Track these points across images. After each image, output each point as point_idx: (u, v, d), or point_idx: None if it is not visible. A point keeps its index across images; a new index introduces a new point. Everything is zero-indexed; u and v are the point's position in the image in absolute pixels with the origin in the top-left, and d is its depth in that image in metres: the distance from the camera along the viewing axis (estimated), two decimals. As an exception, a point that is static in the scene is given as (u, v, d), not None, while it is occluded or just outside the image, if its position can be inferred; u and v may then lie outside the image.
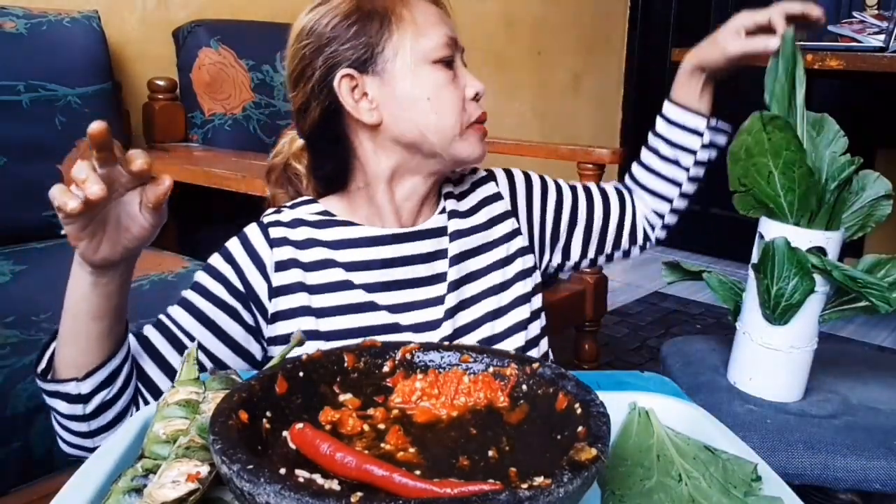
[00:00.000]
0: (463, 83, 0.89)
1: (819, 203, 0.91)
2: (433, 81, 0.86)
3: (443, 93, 0.86)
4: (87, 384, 0.73)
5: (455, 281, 0.90)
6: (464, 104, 0.88)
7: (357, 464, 0.43)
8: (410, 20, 0.86)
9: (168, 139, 1.87)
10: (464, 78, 0.89)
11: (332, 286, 0.86)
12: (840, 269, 0.88)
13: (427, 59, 0.85)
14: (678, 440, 0.57)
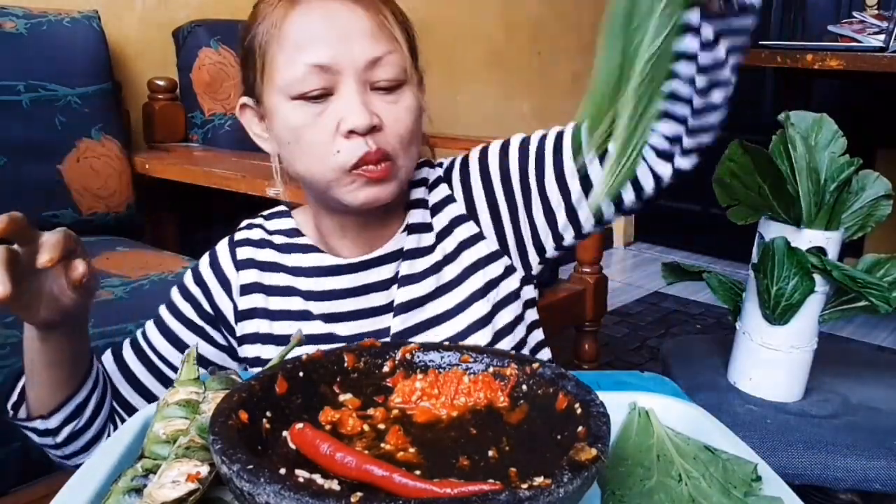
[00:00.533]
0: (334, 120, 0.73)
1: (819, 203, 0.91)
2: (292, 121, 0.74)
3: (302, 134, 0.74)
4: (53, 420, 0.75)
5: (401, 305, 0.81)
6: (333, 146, 0.73)
7: (357, 464, 0.43)
8: (277, 45, 0.74)
9: (168, 139, 1.87)
10: (337, 111, 0.73)
11: (293, 315, 0.83)
12: (840, 269, 0.88)
13: (286, 95, 0.74)
14: (678, 440, 0.57)
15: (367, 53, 0.73)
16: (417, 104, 0.78)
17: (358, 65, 0.73)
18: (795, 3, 3.03)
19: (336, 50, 0.72)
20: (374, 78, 0.74)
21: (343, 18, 0.74)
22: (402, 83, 0.76)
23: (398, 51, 0.75)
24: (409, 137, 0.76)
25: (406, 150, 0.77)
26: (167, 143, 1.86)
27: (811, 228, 0.91)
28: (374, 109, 0.74)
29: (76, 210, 1.58)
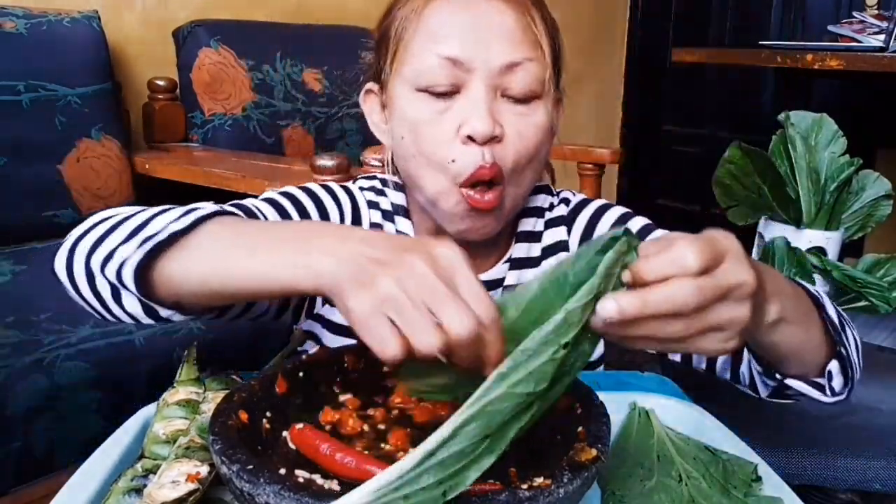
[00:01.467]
0: (456, 121, 0.68)
1: (819, 203, 0.91)
2: (412, 114, 0.70)
3: (420, 131, 0.69)
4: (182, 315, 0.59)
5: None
6: (451, 152, 0.68)
7: (357, 464, 0.43)
8: (414, 31, 0.70)
9: (168, 139, 1.87)
10: (462, 112, 0.68)
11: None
12: (840, 269, 0.88)
13: (412, 85, 0.70)
14: (678, 440, 0.57)
15: (504, 56, 0.68)
16: (548, 124, 0.72)
17: (492, 66, 0.68)
18: (795, 3, 3.03)
19: (472, 46, 0.68)
20: (507, 84, 0.69)
21: (486, 14, 0.69)
22: (536, 96, 0.70)
23: (539, 60, 0.70)
24: (528, 158, 0.70)
25: (521, 172, 0.71)
26: (167, 143, 1.86)
27: (811, 228, 0.91)
28: (499, 118, 0.68)
29: (76, 210, 1.58)
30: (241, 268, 0.51)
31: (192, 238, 0.54)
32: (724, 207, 0.96)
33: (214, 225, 0.55)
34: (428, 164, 0.70)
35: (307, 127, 1.98)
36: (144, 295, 0.55)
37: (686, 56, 2.00)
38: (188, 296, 0.56)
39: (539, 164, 0.74)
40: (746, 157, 0.89)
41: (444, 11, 0.69)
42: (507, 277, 0.79)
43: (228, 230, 0.55)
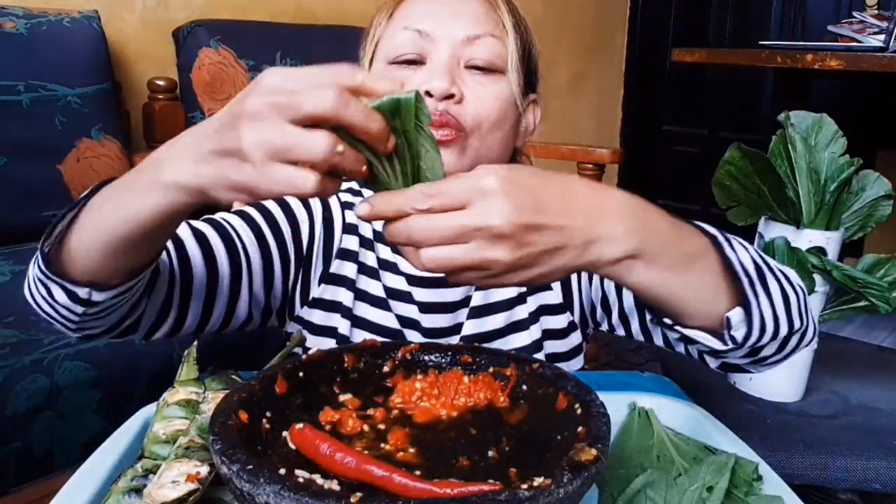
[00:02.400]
0: (419, 83, 0.72)
1: (819, 203, 0.91)
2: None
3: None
4: (103, 294, 0.59)
5: (469, 338, 0.79)
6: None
7: (357, 464, 0.43)
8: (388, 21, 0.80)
9: (168, 139, 1.86)
10: (421, 78, 0.73)
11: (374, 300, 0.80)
12: (840, 269, 0.88)
13: (385, 60, 0.78)
14: (678, 440, 0.57)
15: (466, 30, 0.75)
16: (509, 97, 0.77)
17: (455, 36, 0.75)
18: (795, 3, 3.03)
19: (438, 21, 0.75)
20: (469, 55, 0.75)
21: (454, 2, 0.77)
22: (499, 70, 0.76)
23: (500, 38, 0.76)
24: (489, 122, 0.75)
25: (482, 132, 0.75)
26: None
27: (811, 228, 0.91)
28: (459, 82, 0.74)
29: (76, 210, 1.58)
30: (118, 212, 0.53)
31: (81, 214, 0.56)
32: (724, 208, 0.96)
33: (97, 196, 0.56)
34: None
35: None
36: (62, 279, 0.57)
37: (686, 56, 1.99)
38: (93, 261, 0.57)
39: (504, 134, 0.78)
40: (746, 158, 0.89)
41: (416, 4, 0.78)
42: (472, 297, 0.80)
43: (105, 193, 0.56)
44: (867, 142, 2.65)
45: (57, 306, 0.61)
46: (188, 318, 0.71)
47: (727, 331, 0.55)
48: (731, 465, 0.50)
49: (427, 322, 0.79)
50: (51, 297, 0.61)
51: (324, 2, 2.29)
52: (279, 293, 0.79)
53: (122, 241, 0.55)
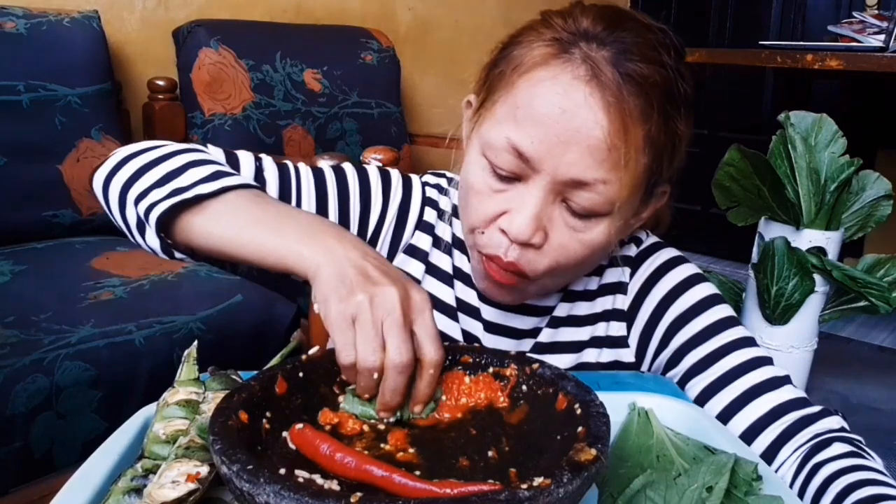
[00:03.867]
0: (502, 207, 0.65)
1: (819, 203, 0.91)
2: (471, 178, 0.67)
3: (471, 197, 0.67)
4: (196, 259, 0.67)
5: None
6: (484, 227, 0.66)
7: (357, 464, 0.43)
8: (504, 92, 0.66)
9: (168, 139, 1.86)
10: (511, 202, 0.65)
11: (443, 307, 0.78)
12: (840, 269, 0.88)
13: (481, 150, 0.67)
14: (678, 440, 0.57)
15: (574, 171, 0.62)
16: (605, 242, 0.67)
17: (559, 176, 0.63)
18: (795, 3, 3.03)
19: (546, 146, 0.62)
20: (570, 196, 0.64)
21: (577, 116, 0.61)
22: (600, 215, 0.65)
23: (616, 182, 0.63)
24: (566, 268, 0.68)
25: (554, 276, 0.68)
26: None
27: (811, 229, 0.91)
28: (547, 224, 0.65)
29: (76, 210, 1.58)
30: (249, 240, 0.60)
31: (213, 204, 0.62)
32: (724, 208, 0.96)
33: (236, 197, 0.63)
34: (466, 220, 0.70)
35: (307, 127, 1.98)
36: (166, 237, 0.64)
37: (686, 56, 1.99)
38: (203, 250, 0.64)
39: (587, 268, 0.72)
40: (746, 159, 0.89)
41: (539, 88, 0.63)
42: (557, 307, 0.77)
43: (247, 205, 0.62)
44: (867, 142, 2.65)
45: (137, 237, 0.67)
46: None
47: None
48: (730, 465, 0.50)
49: (489, 342, 0.77)
50: (140, 231, 0.66)
51: (324, 2, 2.29)
52: None
53: (246, 258, 0.61)
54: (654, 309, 0.75)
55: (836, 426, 0.66)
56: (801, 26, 3.02)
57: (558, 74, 0.63)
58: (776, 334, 0.94)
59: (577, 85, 0.62)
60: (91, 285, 1.23)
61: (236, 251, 0.61)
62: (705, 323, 0.72)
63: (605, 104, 0.61)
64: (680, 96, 0.67)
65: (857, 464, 0.59)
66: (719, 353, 0.71)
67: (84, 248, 1.48)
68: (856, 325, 2.66)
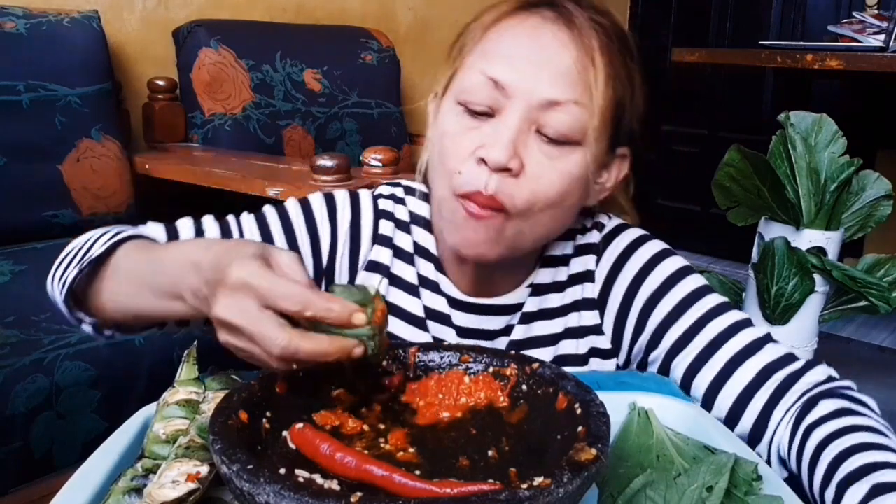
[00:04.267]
0: (477, 142, 0.66)
1: (819, 203, 0.91)
2: (446, 125, 0.69)
3: (446, 144, 0.68)
4: (126, 335, 0.70)
5: None
6: (461, 165, 0.66)
7: (357, 464, 0.43)
8: (472, 46, 0.69)
9: (168, 139, 1.87)
10: (486, 136, 0.65)
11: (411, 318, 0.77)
12: (840, 269, 0.88)
13: (455, 98, 0.69)
14: (678, 440, 0.57)
15: (548, 91, 0.65)
16: (580, 174, 0.67)
17: (533, 98, 0.65)
18: (795, 3, 3.03)
19: (520, 73, 0.65)
20: (544, 121, 0.65)
21: (547, 46, 0.66)
22: (574, 142, 0.66)
23: (587, 106, 0.66)
24: (545, 202, 0.66)
25: (533, 213, 0.67)
26: (167, 143, 1.86)
27: (811, 229, 0.91)
28: (522, 152, 0.65)
29: (76, 210, 1.58)
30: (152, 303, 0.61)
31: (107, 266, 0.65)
32: (724, 209, 0.96)
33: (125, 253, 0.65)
34: (441, 172, 0.69)
35: (307, 127, 1.98)
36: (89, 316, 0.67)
37: (686, 56, 1.99)
38: (124, 319, 0.66)
39: (562, 212, 0.70)
40: (746, 159, 0.89)
41: (506, 34, 0.68)
42: (526, 303, 0.77)
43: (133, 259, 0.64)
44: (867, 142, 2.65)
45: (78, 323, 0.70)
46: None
47: None
48: (730, 465, 0.50)
49: None
50: (75, 318, 0.69)
51: (324, 2, 2.29)
52: None
53: (156, 320, 0.65)
54: (625, 292, 0.75)
55: (823, 377, 0.67)
56: (801, 26, 3.02)
57: (526, 19, 0.68)
58: (776, 334, 0.93)
59: (544, 24, 0.67)
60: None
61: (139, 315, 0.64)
62: (679, 297, 0.73)
63: (571, 36, 0.66)
64: (632, 48, 0.71)
65: (844, 425, 0.59)
66: (697, 325, 0.71)
67: (84, 248, 1.48)
68: (856, 325, 2.66)
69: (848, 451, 0.56)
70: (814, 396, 0.64)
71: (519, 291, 0.77)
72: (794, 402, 0.65)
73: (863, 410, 0.62)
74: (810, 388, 0.65)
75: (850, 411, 0.61)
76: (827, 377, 0.67)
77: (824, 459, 0.57)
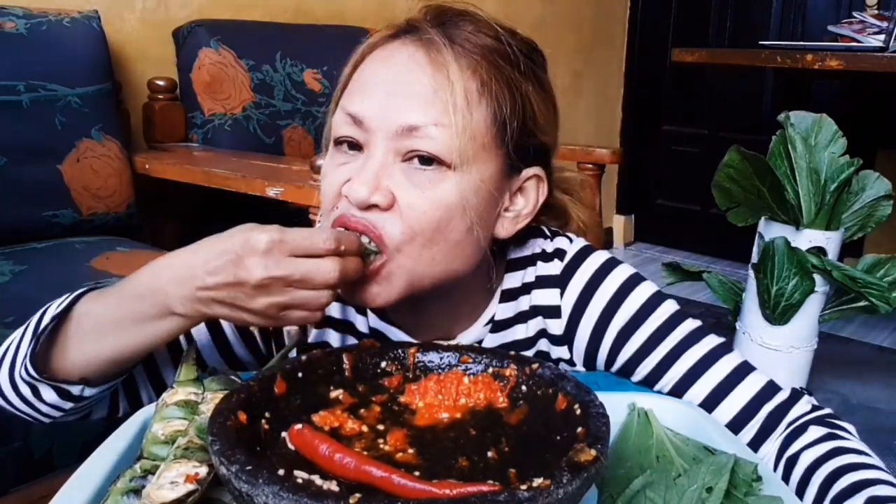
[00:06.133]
0: (345, 176, 0.63)
1: (819, 203, 0.91)
2: (324, 164, 0.67)
3: (323, 181, 0.66)
4: (95, 390, 0.64)
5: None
6: (334, 202, 0.64)
7: (356, 465, 0.43)
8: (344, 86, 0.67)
9: (168, 139, 1.87)
10: (353, 171, 0.63)
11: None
12: (840, 269, 0.88)
13: (331, 140, 0.67)
14: (677, 441, 0.57)
15: (402, 118, 0.61)
16: (454, 201, 0.62)
17: (390, 128, 0.62)
18: (795, 3, 3.03)
19: (377, 105, 0.62)
20: (408, 148, 0.62)
21: (402, 72, 0.63)
22: (444, 165, 0.61)
23: (450, 127, 0.61)
24: (422, 235, 0.62)
25: (415, 251, 0.62)
26: (167, 143, 1.86)
27: (811, 229, 0.91)
28: (390, 184, 0.62)
29: (76, 210, 1.58)
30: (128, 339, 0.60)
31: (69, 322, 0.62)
32: (724, 209, 0.96)
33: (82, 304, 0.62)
34: (323, 213, 0.67)
35: (307, 127, 1.98)
36: (50, 379, 0.62)
37: (686, 56, 1.99)
38: (94, 369, 0.63)
39: (452, 246, 0.64)
40: (745, 160, 0.89)
41: (367, 69, 0.65)
42: (485, 339, 0.73)
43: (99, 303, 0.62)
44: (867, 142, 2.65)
45: (40, 405, 0.65)
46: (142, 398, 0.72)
47: None
48: (730, 466, 0.50)
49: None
50: (37, 396, 0.64)
51: (324, 2, 2.29)
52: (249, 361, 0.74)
53: (129, 357, 0.62)
54: (595, 324, 0.71)
55: (808, 407, 0.66)
56: (801, 26, 3.02)
57: (387, 48, 0.65)
58: (776, 334, 0.94)
59: (402, 48, 0.64)
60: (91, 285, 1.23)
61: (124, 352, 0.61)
62: (654, 326, 0.70)
63: (428, 58, 0.63)
64: (519, 62, 0.66)
65: (835, 447, 0.59)
66: (674, 354, 0.69)
67: (84, 248, 1.48)
68: (856, 325, 2.66)
69: (840, 469, 0.57)
70: (802, 424, 0.64)
71: (476, 328, 0.73)
72: (780, 433, 0.65)
73: (847, 436, 0.62)
74: (797, 418, 0.65)
75: (838, 436, 0.62)
76: (811, 407, 0.66)
77: (816, 479, 0.57)
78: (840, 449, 0.59)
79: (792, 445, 0.62)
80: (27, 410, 0.66)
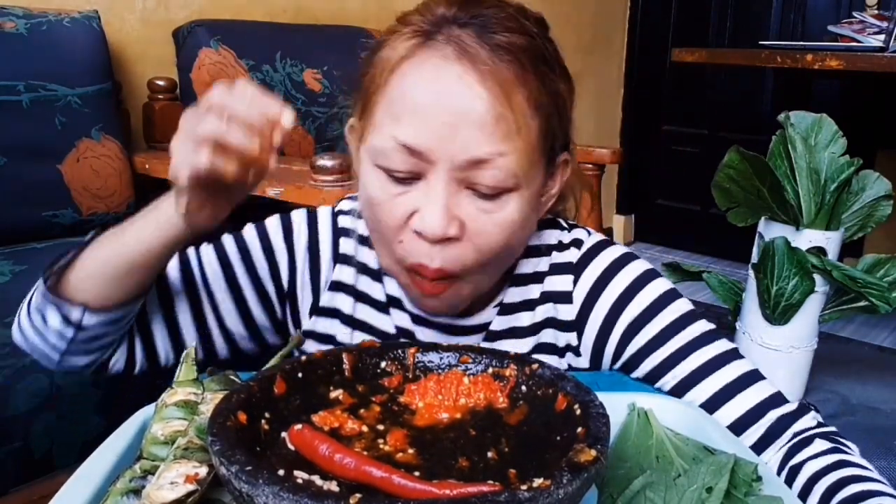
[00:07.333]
0: (409, 209, 0.62)
1: (819, 203, 0.91)
2: (370, 191, 0.64)
3: (375, 211, 0.64)
4: (94, 317, 0.66)
5: None
6: (399, 235, 0.63)
7: (356, 465, 0.43)
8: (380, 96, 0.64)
9: (168, 139, 1.84)
10: (417, 202, 0.62)
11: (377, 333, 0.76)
12: (840, 269, 0.88)
13: (372, 161, 0.64)
14: (677, 441, 0.57)
15: (470, 151, 0.60)
16: (521, 216, 0.64)
17: (454, 161, 0.60)
18: (795, 3, 3.03)
19: (434, 134, 0.60)
20: (473, 178, 0.61)
21: (455, 95, 0.60)
22: (508, 190, 0.63)
23: (514, 152, 0.61)
24: (493, 255, 0.64)
25: (483, 268, 0.65)
26: (167, 143, 1.86)
27: (811, 229, 0.91)
28: (459, 213, 0.62)
29: (76, 210, 1.58)
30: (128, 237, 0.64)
31: (84, 252, 0.67)
32: (724, 209, 0.96)
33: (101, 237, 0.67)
34: (382, 243, 0.67)
35: (307, 127, 1.98)
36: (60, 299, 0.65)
37: (686, 56, 1.99)
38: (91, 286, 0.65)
39: (512, 251, 0.68)
40: (745, 161, 0.89)
41: (408, 79, 0.62)
42: (493, 322, 0.74)
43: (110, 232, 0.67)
44: (867, 142, 2.65)
45: (47, 333, 0.68)
46: (160, 352, 0.75)
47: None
48: (730, 466, 0.50)
49: None
50: (44, 322, 0.67)
51: (324, 2, 2.29)
52: (265, 326, 0.77)
53: (124, 266, 0.65)
54: (606, 314, 0.72)
55: (814, 423, 0.66)
56: (801, 26, 3.02)
57: (425, 61, 0.61)
58: (776, 334, 0.93)
59: (447, 66, 0.61)
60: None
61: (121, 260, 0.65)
62: (665, 322, 0.70)
63: (479, 77, 0.60)
64: (550, 58, 0.66)
65: (840, 459, 0.60)
66: (682, 352, 0.69)
67: (84, 249, 1.48)
68: (856, 325, 2.66)
69: (844, 480, 0.57)
70: (808, 436, 0.64)
71: (487, 311, 0.74)
72: (785, 442, 0.65)
73: (852, 453, 0.62)
74: (803, 430, 0.65)
75: (842, 451, 0.62)
76: (817, 423, 0.66)
77: (819, 488, 0.58)
78: (845, 462, 0.59)
79: (797, 455, 0.62)
80: (37, 342, 0.69)
